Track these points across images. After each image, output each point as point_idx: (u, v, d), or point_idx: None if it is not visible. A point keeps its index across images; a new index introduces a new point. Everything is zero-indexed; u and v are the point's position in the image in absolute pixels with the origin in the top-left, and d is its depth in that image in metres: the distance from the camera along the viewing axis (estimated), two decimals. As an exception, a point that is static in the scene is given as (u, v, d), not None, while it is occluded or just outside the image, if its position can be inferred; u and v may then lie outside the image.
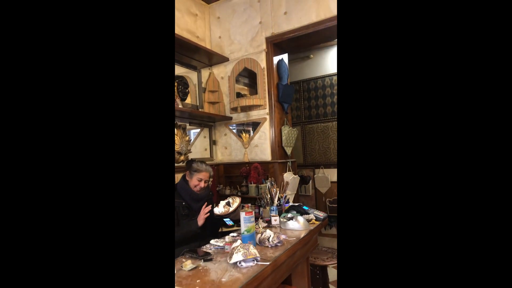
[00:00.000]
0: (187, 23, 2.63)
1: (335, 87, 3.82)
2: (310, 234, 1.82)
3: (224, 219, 1.87)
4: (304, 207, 2.14)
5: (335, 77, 3.82)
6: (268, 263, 1.29)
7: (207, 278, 1.17)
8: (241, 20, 2.69)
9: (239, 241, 1.41)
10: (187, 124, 2.57)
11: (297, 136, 2.82)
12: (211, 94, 2.78)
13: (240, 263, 1.27)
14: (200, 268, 1.28)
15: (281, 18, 2.49)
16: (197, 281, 1.14)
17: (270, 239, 1.53)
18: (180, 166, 2.29)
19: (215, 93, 2.79)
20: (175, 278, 1.18)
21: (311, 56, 3.93)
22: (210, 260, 1.36)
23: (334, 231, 3.77)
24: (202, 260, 1.35)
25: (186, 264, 1.29)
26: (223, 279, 1.15)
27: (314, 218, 2.00)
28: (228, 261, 1.30)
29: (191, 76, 2.74)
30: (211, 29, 2.87)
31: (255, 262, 1.28)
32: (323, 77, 3.91)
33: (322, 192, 3.78)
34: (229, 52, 2.77)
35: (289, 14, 2.44)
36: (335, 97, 3.82)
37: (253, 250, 1.30)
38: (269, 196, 2.16)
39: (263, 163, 2.54)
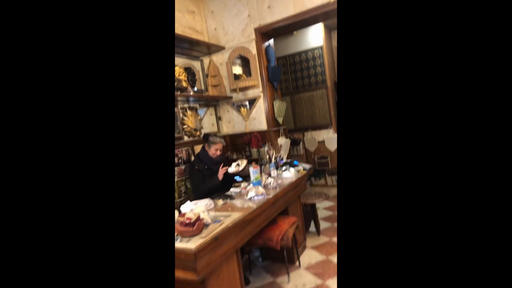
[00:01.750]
0: (188, 21, 3.14)
1: (317, 60, 4.38)
2: (299, 179, 2.55)
3: (235, 177, 2.58)
4: (295, 162, 2.86)
5: (316, 51, 4.36)
6: (271, 196, 2.02)
7: (234, 206, 1.90)
8: (232, 13, 3.19)
9: (251, 185, 2.14)
10: (198, 106, 3.19)
11: (286, 107, 3.46)
12: (213, 79, 3.35)
13: (253, 197, 1.99)
14: (227, 203, 2.01)
15: (265, 11, 3.01)
16: (229, 208, 1.88)
17: (271, 183, 2.25)
18: (198, 140, 2.96)
19: (216, 77, 3.37)
20: (215, 209, 1.90)
21: (294, 33, 4.41)
22: (233, 199, 2.09)
23: (323, 181, 4.57)
24: (228, 199, 2.07)
25: (218, 202, 2.02)
26: (244, 206, 1.88)
27: (302, 168, 2.73)
28: (245, 197, 2.03)
29: (195, 64, 3.30)
30: (207, 22, 3.37)
31: (263, 196, 2.01)
32: (306, 51, 4.45)
33: (311, 151, 4.51)
34: (224, 41, 3.30)
35: (272, 8, 2.96)
36: (318, 68, 4.40)
37: (261, 189, 2.03)
38: (267, 156, 2.86)
39: (261, 132, 3.21)
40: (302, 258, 2.57)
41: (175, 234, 1.43)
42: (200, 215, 1.49)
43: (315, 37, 4.33)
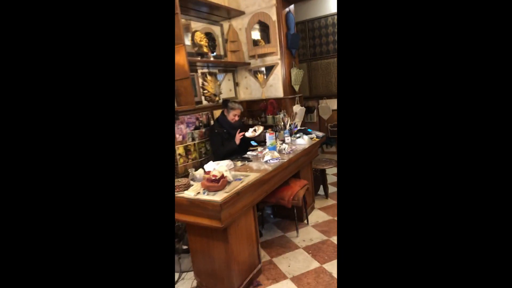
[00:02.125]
0: (208, -16, 3.12)
1: (337, 26, 4.29)
2: (311, 146, 2.72)
3: (251, 141, 2.76)
4: (308, 130, 3.00)
5: (336, 17, 4.26)
6: (285, 160, 2.20)
7: (251, 168, 2.10)
8: (253, -24, 3.14)
9: (267, 150, 2.32)
10: (217, 71, 3.29)
11: (303, 74, 3.51)
12: (232, 44, 3.40)
13: (268, 161, 2.18)
14: (246, 164, 2.21)
15: (287, -25, 2.95)
16: (247, 169, 2.08)
17: (286, 149, 2.43)
18: (217, 105, 3.11)
19: (235, 43, 3.41)
20: (234, 169, 2.11)
21: (315, -4, 4.29)
22: (251, 161, 2.29)
23: (334, 149, 4.72)
24: (246, 161, 2.27)
25: (237, 163, 2.22)
26: (260, 168, 2.07)
27: (315, 136, 2.87)
28: (261, 160, 2.22)
29: (215, 29, 3.33)
30: (227, -15, 3.34)
31: (278, 160, 2.19)
32: (326, 16, 4.35)
33: (325, 119, 4.61)
34: (244, 6, 3.29)
35: (294, -28, 2.90)
36: (337, 35, 4.32)
37: (276, 154, 2.21)
38: (282, 123, 3.00)
39: (277, 99, 3.32)
40: (310, 217, 2.82)
41: (202, 188, 1.65)
42: (223, 173, 1.70)
43: (336, 1, 4.20)
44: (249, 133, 2.71)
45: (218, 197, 1.55)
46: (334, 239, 2.39)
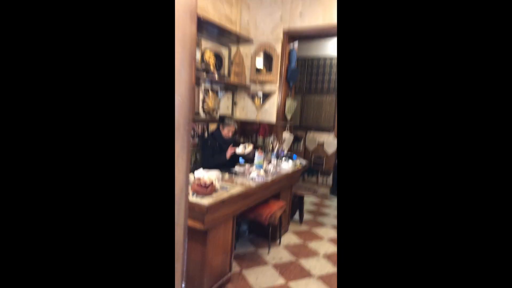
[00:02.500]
0: (226, 10, 3.43)
1: (334, 68, 4.69)
2: (294, 172, 2.93)
3: (239, 158, 2.94)
4: (294, 156, 3.22)
5: (334, 60, 4.66)
6: (269, 179, 2.40)
7: (237, 181, 2.28)
8: (266, 12, 3.49)
9: (254, 167, 2.51)
10: (219, 88, 3.52)
11: (296, 106, 3.80)
12: (236, 67, 3.67)
13: (254, 178, 2.37)
14: (232, 177, 2.39)
15: (296, 17, 3.30)
16: (233, 182, 2.25)
17: (271, 170, 2.62)
18: (214, 120, 3.31)
19: (240, 66, 3.69)
20: (222, 180, 2.27)
21: (318, 38, 4.70)
22: (237, 175, 2.46)
23: (314, 179, 4.96)
24: (233, 174, 2.45)
25: (225, 175, 2.39)
26: (245, 183, 2.25)
27: (299, 163, 3.10)
28: (247, 176, 2.40)
29: (223, 51, 3.61)
30: (241, 15, 3.66)
31: (262, 178, 2.38)
32: (325, 58, 4.75)
33: (310, 150, 4.88)
34: (253, 35, 3.60)
35: (303, 15, 3.26)
36: (333, 75, 4.71)
37: (262, 172, 2.40)
38: (271, 146, 3.22)
39: (269, 124, 3.56)
40: (283, 238, 2.97)
41: (191, 191, 1.80)
42: (213, 181, 1.86)
43: (335, 46, 4.62)
44: (239, 150, 2.90)
45: (206, 201, 1.71)
46: (302, 262, 2.54)
